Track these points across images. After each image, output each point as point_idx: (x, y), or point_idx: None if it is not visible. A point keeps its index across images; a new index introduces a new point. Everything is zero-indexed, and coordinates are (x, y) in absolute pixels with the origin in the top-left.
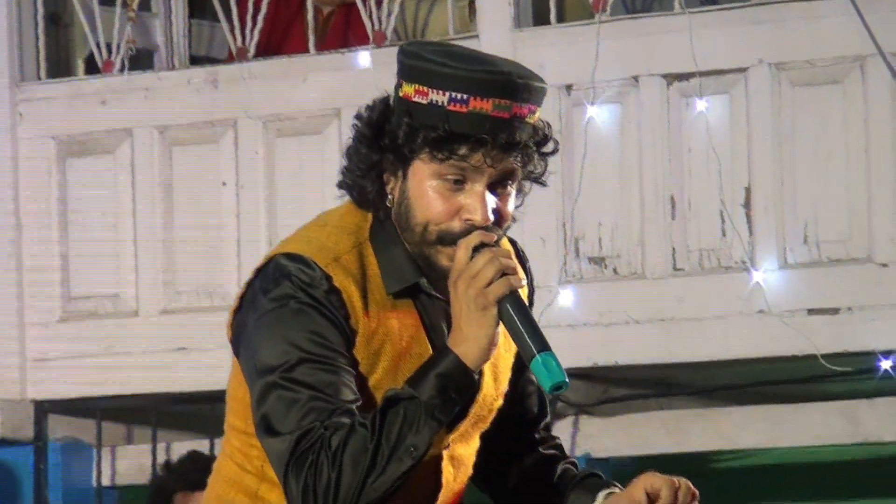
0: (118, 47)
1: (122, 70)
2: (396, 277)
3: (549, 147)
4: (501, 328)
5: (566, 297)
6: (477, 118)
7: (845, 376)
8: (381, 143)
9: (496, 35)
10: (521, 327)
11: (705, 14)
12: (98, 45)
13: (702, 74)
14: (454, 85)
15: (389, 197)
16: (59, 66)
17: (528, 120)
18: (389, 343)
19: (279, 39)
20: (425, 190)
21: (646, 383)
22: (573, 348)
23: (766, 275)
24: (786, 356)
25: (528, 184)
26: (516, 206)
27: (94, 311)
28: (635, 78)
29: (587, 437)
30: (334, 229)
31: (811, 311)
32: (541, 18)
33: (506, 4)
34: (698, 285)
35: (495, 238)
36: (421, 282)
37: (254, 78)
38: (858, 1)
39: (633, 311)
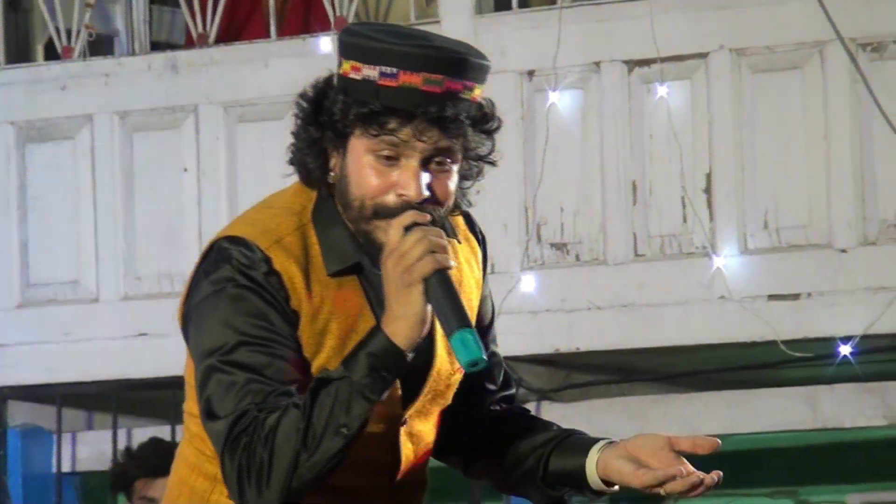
0: (78, 33)
1: (81, 56)
2: (337, 257)
3: (491, 125)
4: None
5: (528, 283)
6: (406, 92)
7: (805, 362)
8: (321, 120)
9: (457, 21)
10: (443, 304)
11: (666, 0)
12: (58, 30)
13: (663, 60)
14: (385, 59)
15: (332, 174)
16: (19, 52)
17: (462, 96)
18: (335, 322)
19: (240, 25)
20: (360, 166)
21: (607, 369)
22: (535, 334)
23: (727, 260)
24: (746, 342)
25: (479, 165)
26: (466, 187)
27: (54, 297)
28: (597, 64)
29: None
30: (279, 211)
31: (771, 297)
32: (502, 4)
33: None
34: (659, 271)
35: (429, 218)
36: (363, 261)
37: (215, 64)
38: None
39: (595, 297)
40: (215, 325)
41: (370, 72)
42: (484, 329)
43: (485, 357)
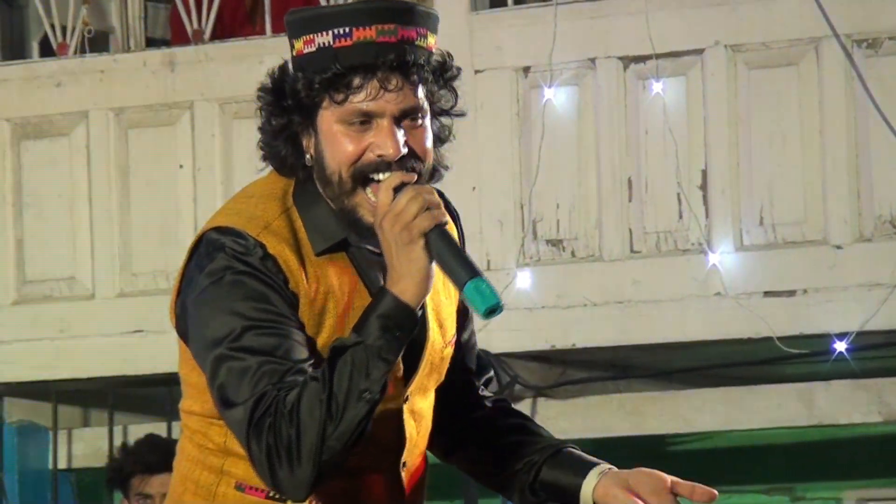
0: (73, 29)
1: (77, 52)
2: (322, 236)
3: (451, 73)
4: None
5: (524, 280)
6: (363, 47)
7: (801, 358)
8: (286, 105)
9: (453, 17)
10: (449, 258)
11: None
12: (53, 27)
13: (658, 56)
14: (336, 22)
15: (307, 156)
16: (14, 49)
17: (418, 44)
18: (332, 300)
19: (229, 22)
20: (333, 136)
21: (603, 366)
22: (531, 331)
23: (723, 257)
24: (742, 338)
25: (448, 125)
26: (438, 146)
27: (50, 293)
28: (592, 60)
29: (545, 419)
30: (261, 199)
31: (767, 294)
32: (497, 1)
33: None
34: (655, 268)
35: (415, 177)
36: (349, 237)
37: (210, 60)
38: None
39: (591, 294)
40: (218, 314)
41: (324, 38)
42: (465, 309)
43: (502, 304)
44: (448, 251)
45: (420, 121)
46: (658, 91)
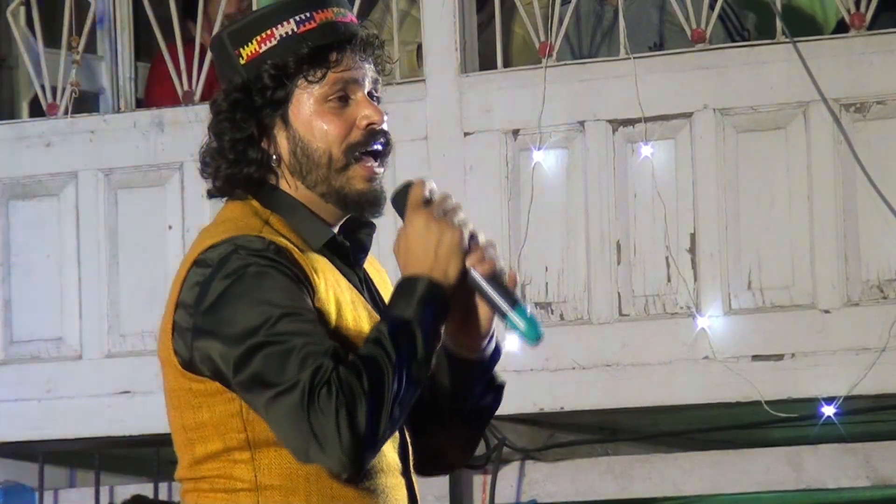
0: (63, 90)
1: (66, 112)
2: (314, 234)
3: (384, 51)
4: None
5: (512, 342)
6: (328, 27)
7: (789, 422)
8: (255, 106)
9: (443, 80)
10: (487, 290)
11: (650, 59)
12: (43, 87)
13: (647, 120)
14: (293, 11)
15: (275, 157)
16: (4, 109)
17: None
18: (333, 293)
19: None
20: (317, 115)
21: (591, 429)
22: (519, 393)
23: (711, 320)
24: (730, 402)
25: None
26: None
27: (37, 354)
28: (581, 123)
29: (533, 482)
30: (236, 220)
31: (755, 357)
32: (487, 63)
33: (452, 49)
34: (644, 331)
35: (433, 184)
36: (338, 238)
37: (200, 122)
38: (801, 47)
39: (579, 357)
40: (249, 306)
41: (284, 29)
42: None
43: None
44: (486, 282)
45: (378, 94)
46: (647, 154)
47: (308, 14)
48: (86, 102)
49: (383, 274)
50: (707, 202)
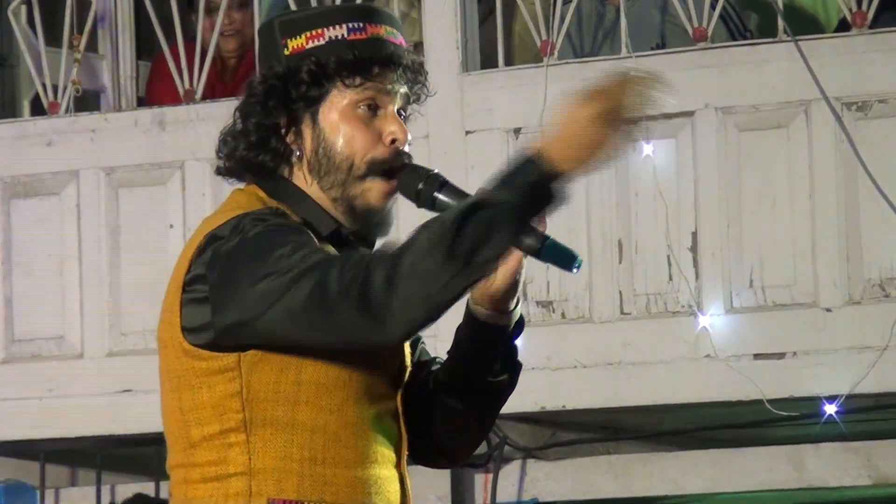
0: (64, 88)
1: (68, 111)
2: (321, 224)
3: (424, 82)
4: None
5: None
6: (377, 42)
7: (790, 421)
8: (288, 96)
9: (444, 79)
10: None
11: (652, 58)
12: (44, 86)
13: (648, 118)
14: (348, 18)
15: (297, 153)
16: (5, 107)
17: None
18: None
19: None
20: (347, 120)
21: (593, 427)
22: (520, 392)
23: (713, 319)
24: (731, 401)
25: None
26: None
27: (38, 352)
28: None
29: (534, 481)
30: (244, 207)
31: (756, 356)
32: (489, 62)
33: (453, 48)
34: (645, 329)
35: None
36: (342, 230)
37: (201, 120)
38: (803, 46)
39: (581, 356)
40: (264, 254)
41: (336, 32)
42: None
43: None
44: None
45: (406, 114)
46: (648, 153)
47: (361, 24)
48: (87, 101)
49: None
50: (708, 201)
